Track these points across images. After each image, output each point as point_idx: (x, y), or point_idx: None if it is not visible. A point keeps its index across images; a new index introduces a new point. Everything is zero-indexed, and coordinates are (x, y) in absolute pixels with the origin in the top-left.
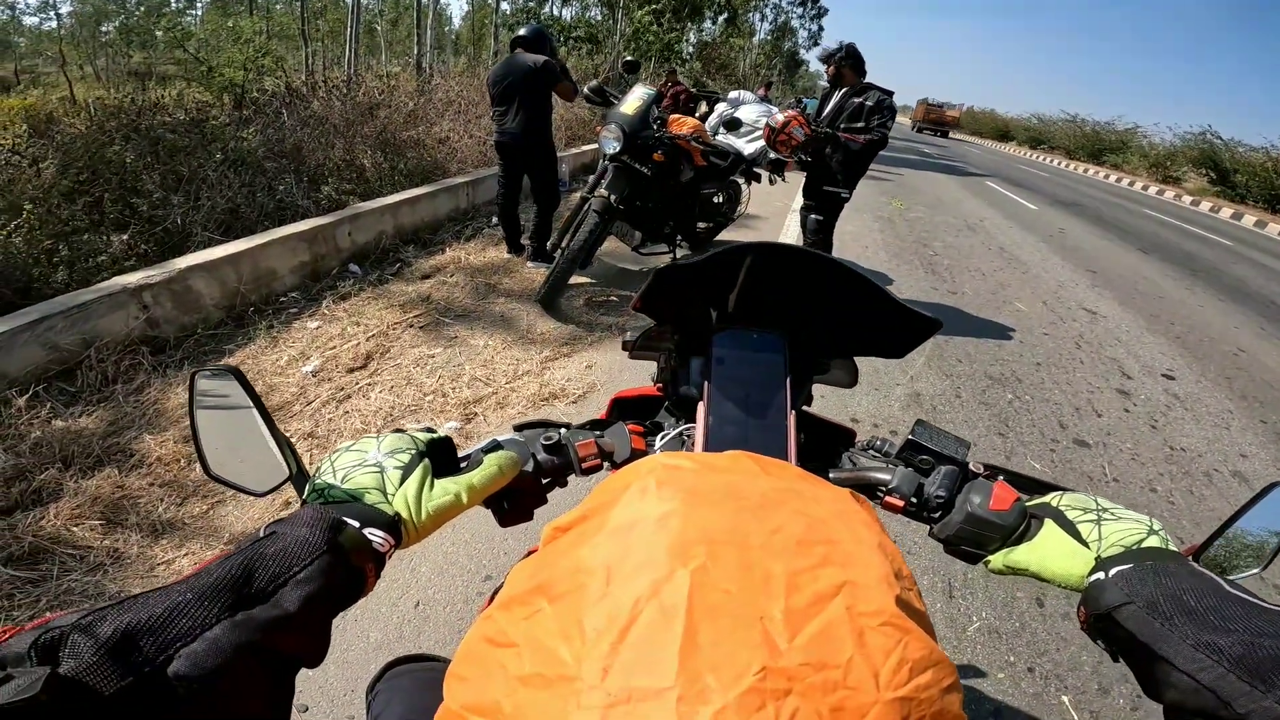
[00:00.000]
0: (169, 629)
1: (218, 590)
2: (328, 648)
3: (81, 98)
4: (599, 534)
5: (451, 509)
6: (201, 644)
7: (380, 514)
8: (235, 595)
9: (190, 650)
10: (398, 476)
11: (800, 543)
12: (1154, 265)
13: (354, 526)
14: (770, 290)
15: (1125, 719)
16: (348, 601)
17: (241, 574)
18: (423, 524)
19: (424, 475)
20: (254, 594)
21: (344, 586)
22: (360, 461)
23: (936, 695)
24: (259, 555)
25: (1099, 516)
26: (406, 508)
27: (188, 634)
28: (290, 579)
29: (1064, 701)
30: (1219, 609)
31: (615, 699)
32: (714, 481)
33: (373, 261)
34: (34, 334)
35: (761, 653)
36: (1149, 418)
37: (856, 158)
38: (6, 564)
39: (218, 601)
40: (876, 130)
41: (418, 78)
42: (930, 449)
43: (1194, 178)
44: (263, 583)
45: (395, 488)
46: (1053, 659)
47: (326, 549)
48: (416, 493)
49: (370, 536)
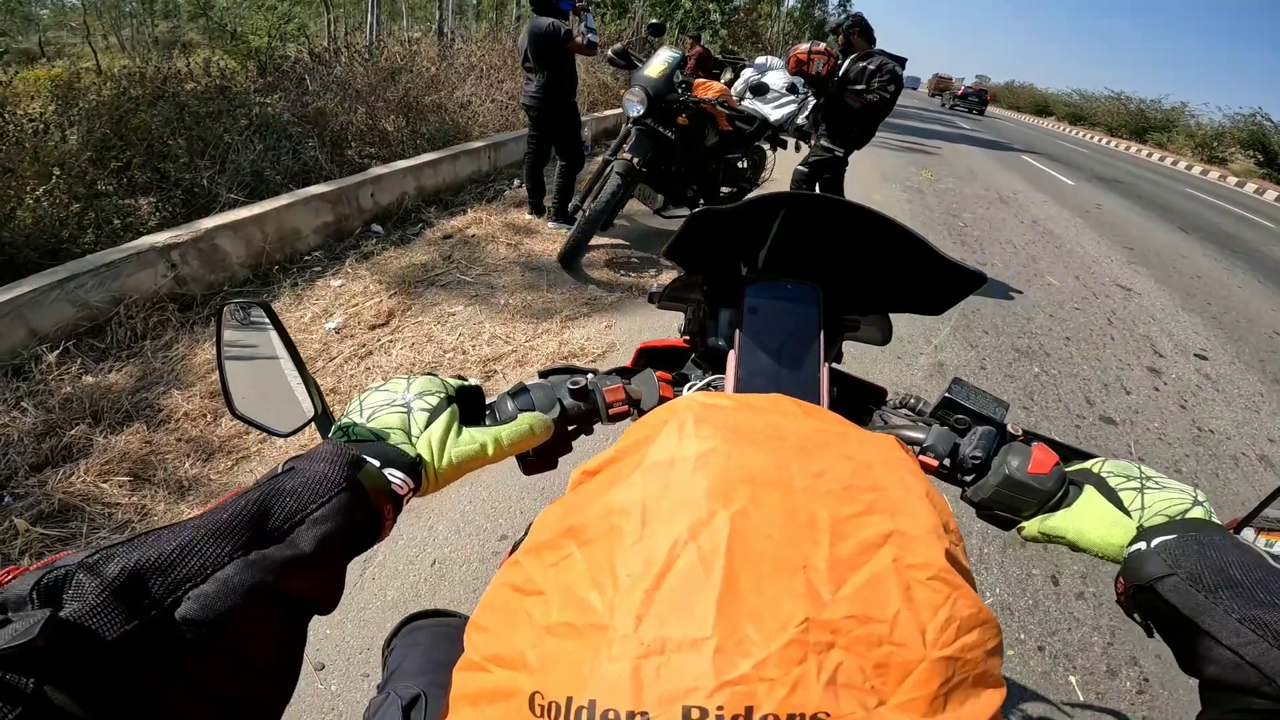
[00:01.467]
0: (179, 568)
1: (232, 528)
2: (341, 592)
3: (107, 67)
4: (634, 473)
5: (475, 459)
6: (212, 585)
7: (403, 455)
8: (250, 533)
9: (200, 591)
10: (424, 419)
11: (847, 488)
12: (1193, 244)
13: (374, 465)
14: (804, 241)
15: (1131, 702)
16: (364, 544)
17: (258, 510)
18: (443, 470)
19: (450, 420)
20: (270, 532)
21: (362, 528)
22: (389, 401)
23: (981, 657)
24: (276, 491)
25: (1142, 484)
26: (430, 451)
27: (198, 574)
28: (307, 517)
29: (1071, 682)
30: (1265, 583)
31: (649, 649)
32: (755, 421)
33: (395, 222)
34: (64, 292)
35: (805, 603)
36: (1179, 397)
37: (855, 117)
38: (36, 522)
39: (231, 540)
40: (876, 92)
41: (439, 43)
42: (967, 408)
43: (1240, 159)
44: (279, 520)
45: (420, 430)
46: (1063, 638)
47: (345, 486)
48: (441, 437)
49: (390, 477)
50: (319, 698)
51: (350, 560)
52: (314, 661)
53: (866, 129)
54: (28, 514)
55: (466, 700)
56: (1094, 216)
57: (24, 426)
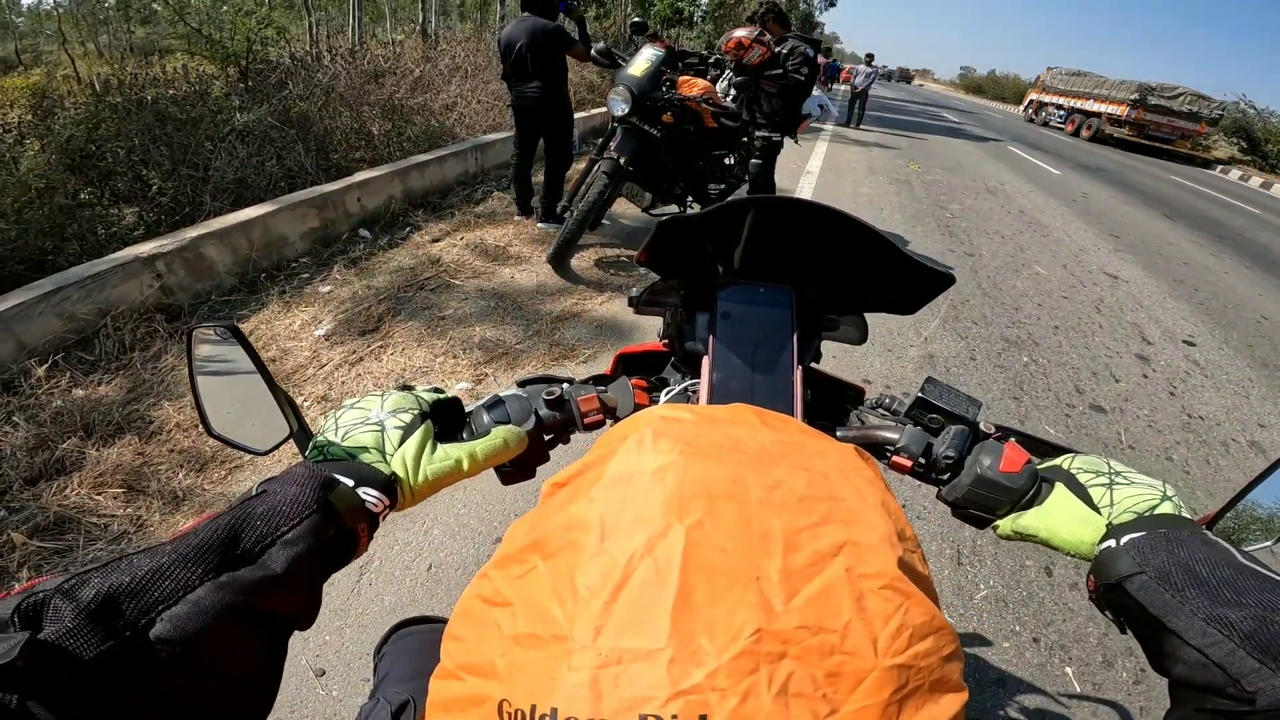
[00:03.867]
0: (151, 591)
1: (202, 552)
2: (318, 609)
3: (85, 74)
4: (594, 488)
5: (451, 475)
6: (184, 606)
7: (376, 474)
8: (220, 556)
9: (173, 613)
10: (398, 437)
11: (801, 499)
12: (1180, 231)
13: (347, 485)
14: (776, 244)
15: (1128, 692)
16: (339, 563)
17: (228, 534)
18: (419, 487)
19: (425, 437)
20: (241, 555)
21: (335, 547)
22: (363, 419)
23: (936, 663)
24: (247, 515)
25: (1111, 480)
26: (404, 469)
27: (170, 596)
28: (278, 539)
29: (1068, 673)
30: (1232, 581)
31: (606, 659)
32: (713, 434)
33: (383, 226)
34: (50, 304)
35: (757, 614)
36: (1168, 384)
37: (774, 102)
38: (33, 535)
39: (202, 563)
40: (790, 77)
41: (424, 44)
42: (940, 407)
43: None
44: (250, 543)
45: (395, 448)
46: (1059, 630)
47: (316, 508)
48: (416, 455)
49: (365, 496)
50: (321, 704)
51: (327, 577)
52: (315, 668)
53: (790, 113)
54: (24, 527)
55: (441, 707)
56: (1080, 205)
57: (16, 441)
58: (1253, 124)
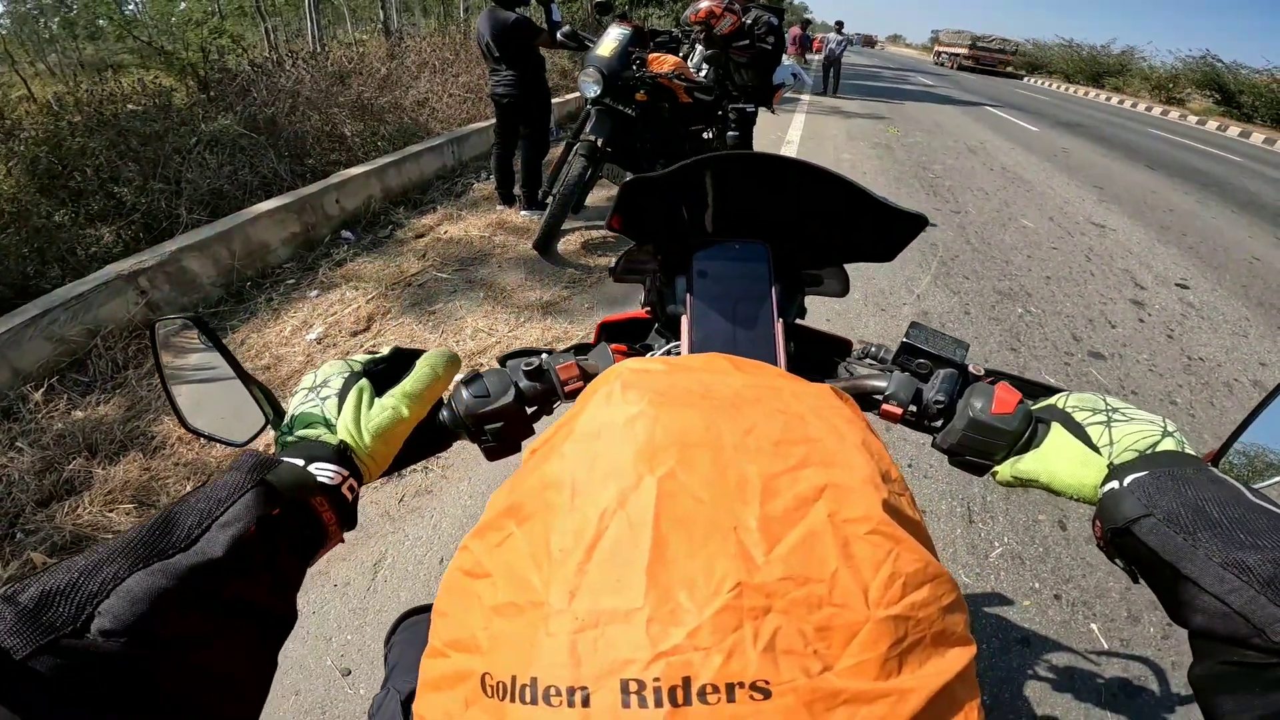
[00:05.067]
0: (83, 587)
1: (131, 545)
2: (292, 593)
3: (40, 94)
4: (564, 444)
5: (395, 424)
6: (115, 598)
7: (324, 446)
8: (150, 548)
9: (106, 605)
10: (334, 405)
11: (777, 443)
12: (1162, 180)
13: (293, 464)
14: (746, 202)
15: (1157, 647)
16: (310, 544)
17: (160, 526)
18: (371, 447)
19: (359, 396)
20: (175, 543)
21: (291, 527)
22: (304, 399)
23: (935, 614)
24: (182, 505)
25: (1109, 418)
26: (349, 433)
27: (100, 591)
28: (213, 523)
29: (1093, 629)
30: (1245, 521)
31: (583, 623)
32: (685, 381)
33: (365, 226)
34: (38, 329)
35: (737, 566)
36: (1165, 327)
37: (745, 72)
38: (52, 554)
39: (131, 555)
40: (758, 45)
41: (387, 42)
42: (926, 351)
43: (1198, 99)
44: (184, 531)
45: (335, 416)
46: (1079, 585)
47: (250, 487)
48: (354, 416)
49: (316, 471)
50: (349, 703)
51: (305, 562)
52: (340, 668)
53: (762, 83)
54: (42, 547)
55: (431, 686)
56: (1061, 160)
57: (23, 465)
58: (1224, 77)
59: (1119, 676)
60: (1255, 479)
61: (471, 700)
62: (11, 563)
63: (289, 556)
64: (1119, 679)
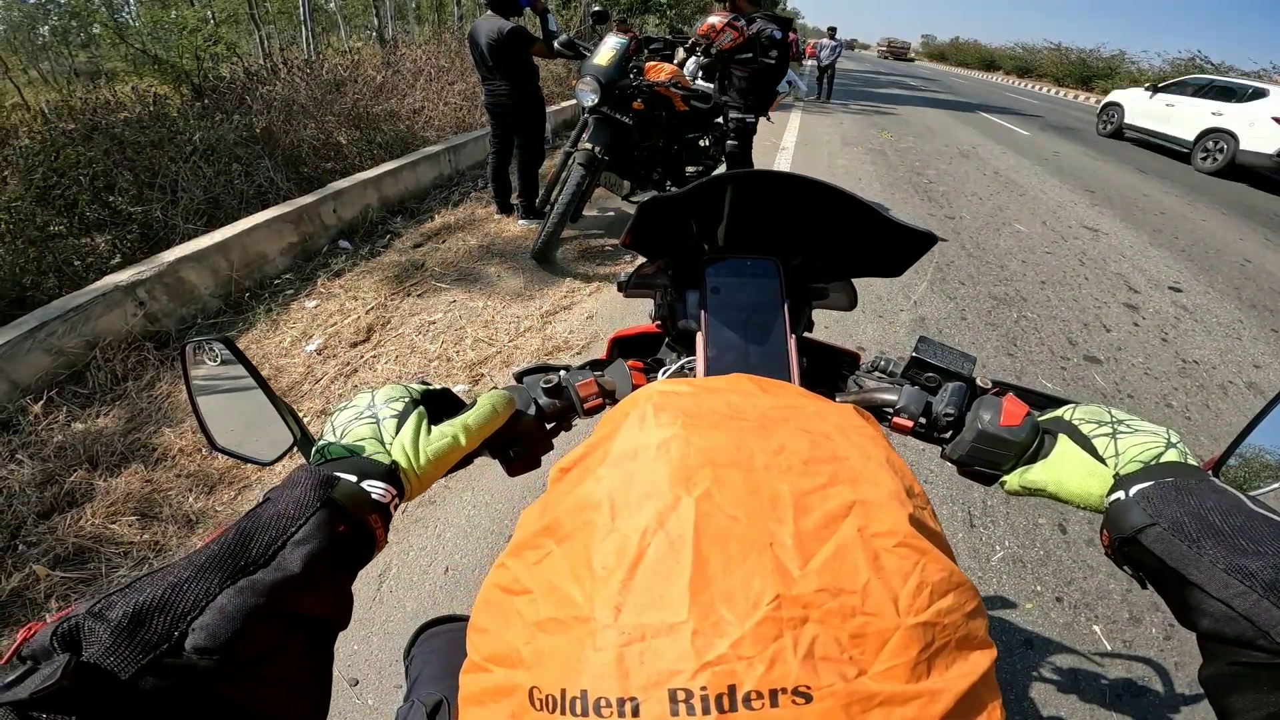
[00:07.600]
0: (175, 605)
1: (214, 562)
2: (350, 606)
3: (34, 102)
4: (600, 467)
5: (450, 452)
6: (210, 615)
7: (377, 465)
8: (234, 564)
9: (201, 622)
10: (393, 425)
11: (806, 461)
12: (1153, 183)
13: (349, 480)
14: (759, 217)
15: (1159, 648)
16: (361, 557)
17: (239, 542)
18: (423, 470)
19: (419, 421)
20: (254, 560)
21: (350, 542)
22: (357, 415)
23: (960, 620)
24: (255, 522)
25: (1114, 429)
26: (405, 455)
27: (194, 607)
28: (288, 540)
29: (1095, 631)
30: (1246, 529)
31: (630, 637)
32: (713, 403)
33: (362, 235)
34: (36, 341)
35: (774, 580)
36: (1159, 330)
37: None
38: (55, 566)
39: (218, 572)
40: (760, 61)
41: (382, 49)
42: (935, 365)
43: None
44: (261, 547)
45: (392, 436)
46: (1080, 587)
47: (320, 505)
48: (413, 439)
49: (369, 489)
50: (358, 713)
51: (354, 575)
52: (348, 678)
53: (764, 94)
54: (44, 560)
55: (473, 701)
56: (1053, 164)
57: (23, 477)
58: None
59: (1123, 677)
60: (1256, 484)
61: (519, 714)
62: (14, 575)
63: (346, 568)
64: (1123, 680)
